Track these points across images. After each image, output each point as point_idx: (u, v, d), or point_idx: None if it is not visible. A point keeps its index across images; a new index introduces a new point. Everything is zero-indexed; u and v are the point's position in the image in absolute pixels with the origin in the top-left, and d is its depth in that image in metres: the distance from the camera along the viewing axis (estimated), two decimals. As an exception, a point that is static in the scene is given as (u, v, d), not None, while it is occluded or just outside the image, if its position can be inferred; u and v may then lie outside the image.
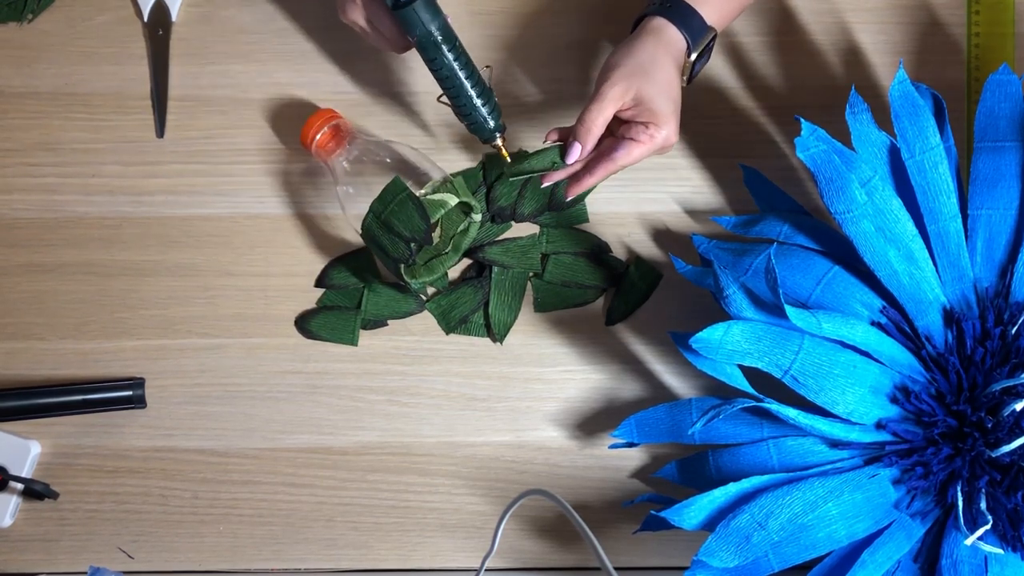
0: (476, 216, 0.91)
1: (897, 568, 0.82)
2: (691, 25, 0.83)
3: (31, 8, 0.97)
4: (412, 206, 0.85)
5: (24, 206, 0.95)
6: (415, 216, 0.85)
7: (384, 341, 0.94)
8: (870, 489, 0.81)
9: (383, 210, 0.86)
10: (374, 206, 0.86)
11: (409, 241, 0.85)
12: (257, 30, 0.97)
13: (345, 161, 0.90)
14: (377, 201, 0.86)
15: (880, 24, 0.97)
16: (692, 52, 0.84)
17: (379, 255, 0.88)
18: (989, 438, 0.80)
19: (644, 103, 0.81)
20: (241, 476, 0.93)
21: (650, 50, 0.82)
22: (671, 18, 0.83)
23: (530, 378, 0.93)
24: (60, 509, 0.93)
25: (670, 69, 0.82)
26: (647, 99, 0.81)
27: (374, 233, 0.86)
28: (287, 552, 0.92)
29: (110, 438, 0.93)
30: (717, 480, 0.84)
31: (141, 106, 0.96)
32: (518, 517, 0.92)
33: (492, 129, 0.86)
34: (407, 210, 0.85)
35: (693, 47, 0.84)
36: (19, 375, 0.94)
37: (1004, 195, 0.86)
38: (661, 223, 0.95)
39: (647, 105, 0.81)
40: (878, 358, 0.82)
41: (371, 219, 0.86)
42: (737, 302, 0.79)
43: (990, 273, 0.86)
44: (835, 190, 0.82)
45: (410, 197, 0.85)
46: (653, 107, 0.81)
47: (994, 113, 0.87)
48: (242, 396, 0.93)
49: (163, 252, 0.95)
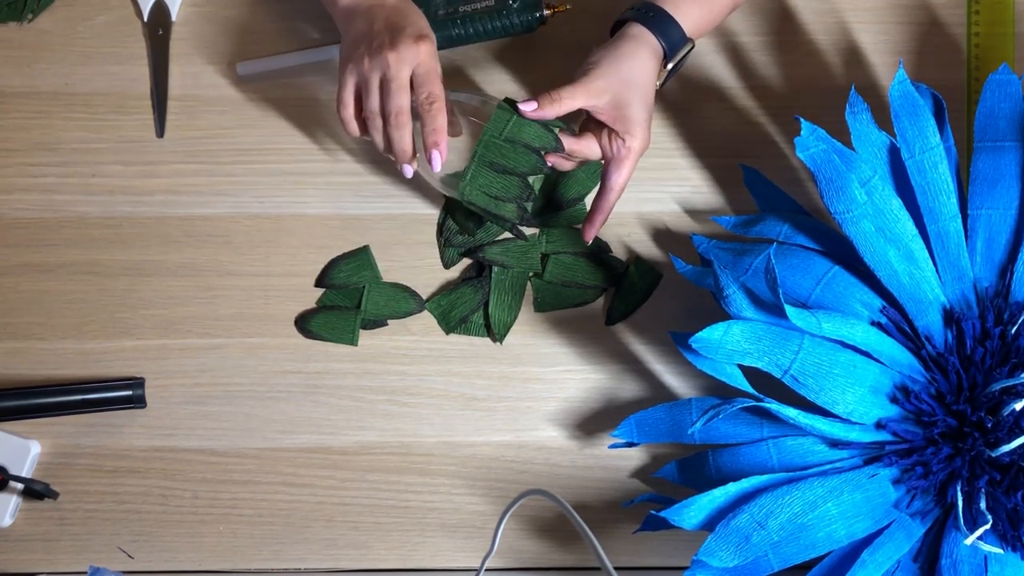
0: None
1: (897, 568, 0.82)
2: (670, 35, 0.84)
3: (31, 8, 0.97)
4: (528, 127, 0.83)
5: (24, 206, 0.95)
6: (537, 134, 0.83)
7: (384, 341, 0.94)
8: (870, 489, 0.81)
9: (505, 125, 0.83)
10: (491, 126, 0.84)
11: (526, 175, 0.84)
12: (257, 30, 0.97)
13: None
14: (497, 118, 0.84)
15: (880, 24, 0.97)
16: (669, 62, 0.85)
17: (493, 185, 0.85)
18: (989, 438, 0.80)
19: (621, 108, 0.83)
20: (241, 476, 0.93)
21: (631, 56, 0.83)
22: (651, 27, 0.84)
23: (530, 378, 0.94)
24: (60, 509, 0.93)
25: (649, 77, 0.84)
26: (624, 104, 0.83)
27: (493, 155, 0.84)
28: (287, 552, 0.92)
29: (110, 438, 0.93)
30: (717, 480, 0.84)
31: (141, 106, 0.96)
32: (518, 517, 0.92)
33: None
34: (529, 130, 0.83)
35: (670, 57, 0.85)
36: (19, 375, 0.94)
37: (1004, 195, 0.86)
38: (661, 223, 0.95)
39: (623, 111, 0.83)
40: (878, 358, 0.82)
41: (489, 138, 0.83)
42: (737, 302, 0.79)
43: (990, 273, 0.86)
44: (835, 190, 0.82)
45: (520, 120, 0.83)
46: (629, 113, 0.83)
47: (994, 113, 0.87)
48: (242, 396, 0.93)
49: (163, 252, 0.95)
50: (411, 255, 0.95)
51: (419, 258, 0.95)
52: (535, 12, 0.92)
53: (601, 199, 0.86)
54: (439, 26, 0.92)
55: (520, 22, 0.92)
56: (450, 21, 0.92)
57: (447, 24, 0.92)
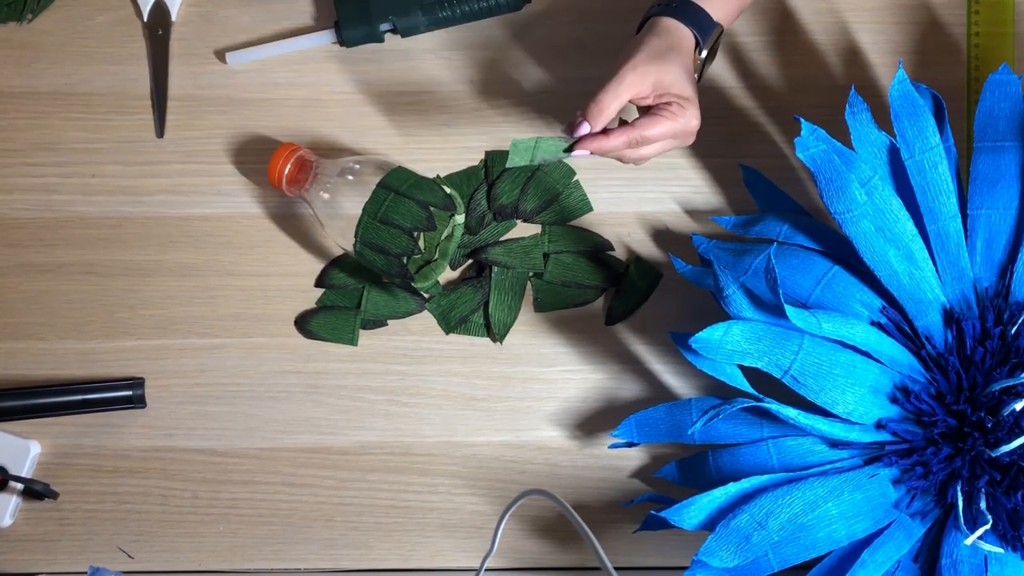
0: (459, 218, 0.91)
1: (897, 568, 0.82)
2: (699, 22, 0.83)
3: (31, 8, 0.97)
4: (422, 186, 0.86)
5: (24, 206, 0.95)
6: (427, 194, 0.86)
7: (384, 341, 0.94)
8: (870, 489, 0.81)
9: (380, 206, 0.86)
10: (369, 206, 0.86)
11: (411, 231, 0.85)
12: (257, 30, 0.97)
13: (322, 191, 0.89)
14: (374, 197, 0.86)
15: (880, 24, 0.97)
16: (702, 49, 0.84)
17: (377, 261, 0.87)
18: (989, 438, 0.80)
19: (666, 87, 0.81)
20: (241, 476, 0.93)
21: (663, 45, 0.82)
22: (678, 17, 0.83)
23: (530, 378, 0.93)
24: (60, 509, 0.93)
25: (686, 60, 0.82)
26: (668, 83, 0.81)
27: (371, 236, 0.86)
28: (287, 552, 0.92)
29: (110, 438, 0.93)
30: (717, 480, 0.84)
31: (141, 106, 0.96)
32: (518, 517, 0.92)
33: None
34: (421, 189, 0.86)
35: (703, 43, 0.84)
36: (19, 375, 0.94)
37: (1004, 195, 0.86)
38: (661, 223, 0.95)
39: (669, 89, 0.81)
40: (878, 358, 0.82)
41: (367, 219, 0.86)
42: (737, 302, 0.79)
43: (990, 273, 0.86)
44: (835, 190, 0.82)
45: (415, 182, 0.86)
46: (675, 90, 0.81)
47: (994, 113, 0.87)
48: (242, 396, 0.93)
49: (163, 252, 0.95)
50: (411, 255, 0.95)
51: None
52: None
53: (613, 134, 0.80)
54: (426, 8, 0.92)
55: (507, 1, 0.93)
56: (436, 3, 0.92)
57: (434, 6, 0.93)
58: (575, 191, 0.94)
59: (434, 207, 0.86)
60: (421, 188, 0.87)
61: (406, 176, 0.88)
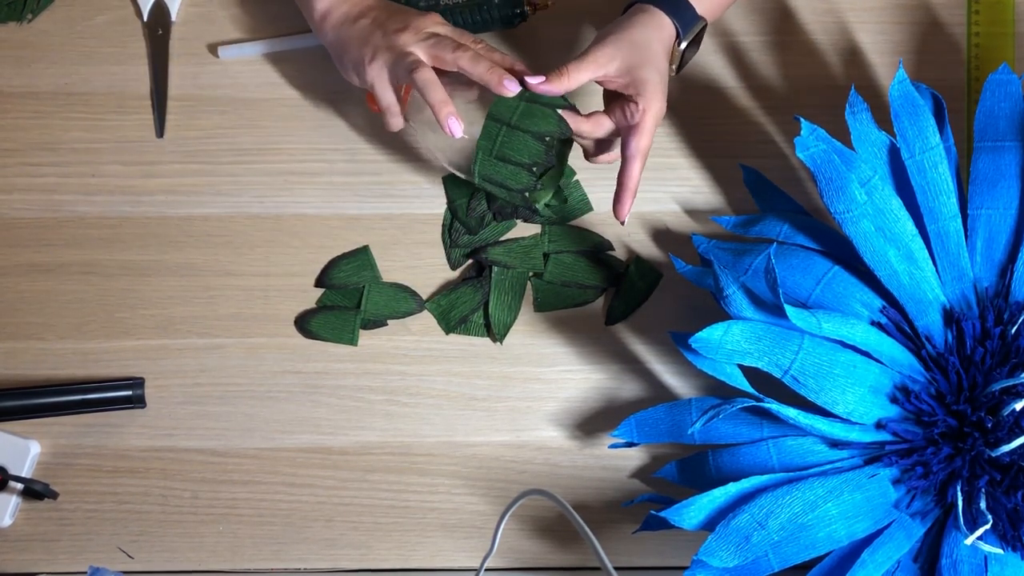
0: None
1: (897, 568, 0.82)
2: (682, 14, 0.84)
3: (31, 8, 0.97)
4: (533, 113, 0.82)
5: (24, 206, 0.95)
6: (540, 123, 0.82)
7: (384, 341, 0.94)
8: (870, 489, 0.81)
9: (494, 142, 0.82)
10: (482, 141, 0.82)
11: (530, 167, 0.83)
12: (257, 30, 0.97)
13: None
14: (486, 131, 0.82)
15: (880, 24, 0.97)
16: (682, 40, 0.84)
17: (500, 193, 0.84)
18: (989, 438, 0.80)
19: (632, 72, 0.81)
20: (241, 476, 0.93)
21: (640, 29, 0.82)
22: (661, 6, 0.83)
23: (530, 378, 0.94)
24: (60, 509, 0.93)
25: (659, 49, 0.83)
26: (635, 67, 0.81)
27: (490, 172, 0.83)
28: (287, 552, 0.92)
29: (110, 438, 0.93)
30: (717, 480, 0.84)
31: (141, 106, 0.96)
32: (518, 517, 0.92)
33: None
34: (533, 117, 0.82)
35: (683, 35, 0.84)
36: (19, 375, 0.94)
37: (1004, 195, 0.86)
38: (661, 223, 0.95)
39: (635, 74, 0.81)
40: (878, 358, 0.82)
41: (482, 157, 0.83)
42: (737, 302, 0.79)
43: (990, 273, 0.86)
44: (835, 190, 0.82)
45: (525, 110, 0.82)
46: (641, 75, 0.81)
47: (994, 113, 0.87)
48: (242, 396, 0.93)
49: (163, 252, 0.95)
50: (411, 255, 0.95)
51: (419, 258, 0.95)
52: (516, 8, 0.92)
53: (623, 171, 0.82)
54: None
55: (501, 17, 0.93)
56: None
57: None
58: (575, 191, 0.94)
59: (550, 137, 0.83)
60: (533, 116, 0.83)
61: (514, 103, 0.83)
